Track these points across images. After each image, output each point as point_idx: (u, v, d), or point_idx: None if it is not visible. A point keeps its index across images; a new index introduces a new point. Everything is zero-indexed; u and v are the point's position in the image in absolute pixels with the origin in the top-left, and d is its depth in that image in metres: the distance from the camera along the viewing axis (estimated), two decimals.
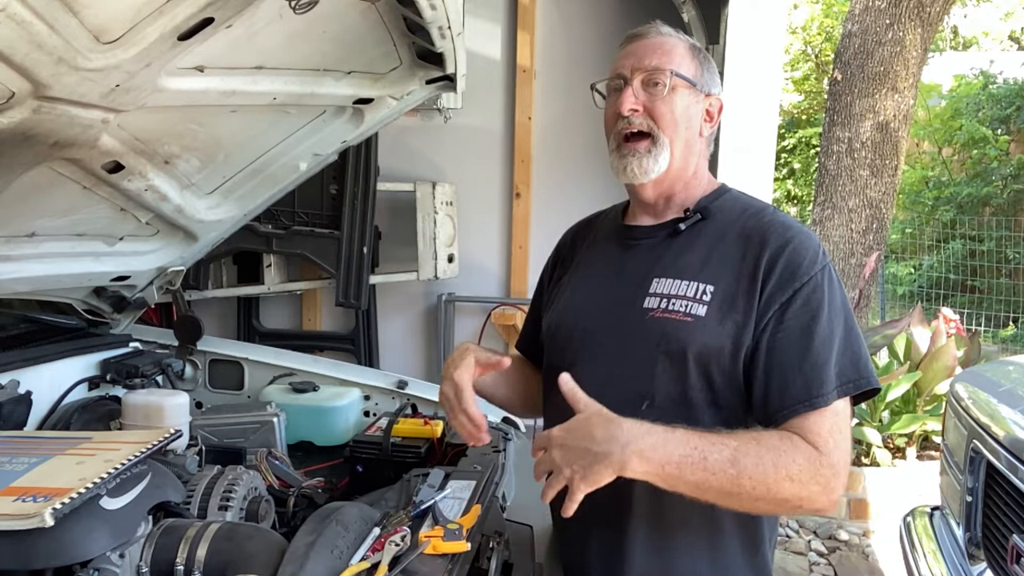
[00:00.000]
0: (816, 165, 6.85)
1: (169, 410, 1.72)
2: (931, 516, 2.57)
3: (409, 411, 2.07)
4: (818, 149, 7.12)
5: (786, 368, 1.15)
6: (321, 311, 3.71)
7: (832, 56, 6.24)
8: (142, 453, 1.29)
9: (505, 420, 2.15)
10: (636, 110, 1.27)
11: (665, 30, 1.32)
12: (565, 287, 1.44)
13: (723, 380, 1.20)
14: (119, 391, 2.06)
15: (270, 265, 3.38)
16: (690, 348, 1.19)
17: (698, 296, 1.22)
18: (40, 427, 1.86)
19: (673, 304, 1.22)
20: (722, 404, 1.21)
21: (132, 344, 2.28)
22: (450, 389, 1.32)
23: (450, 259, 3.33)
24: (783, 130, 11.96)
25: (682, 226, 1.30)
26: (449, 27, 1.64)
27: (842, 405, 1.15)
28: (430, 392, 2.25)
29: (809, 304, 1.17)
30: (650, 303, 1.25)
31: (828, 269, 1.21)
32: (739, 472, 1.06)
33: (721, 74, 2.67)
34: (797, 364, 1.15)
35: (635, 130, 1.28)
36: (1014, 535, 1.96)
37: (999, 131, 10.23)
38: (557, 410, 1.35)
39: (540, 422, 1.53)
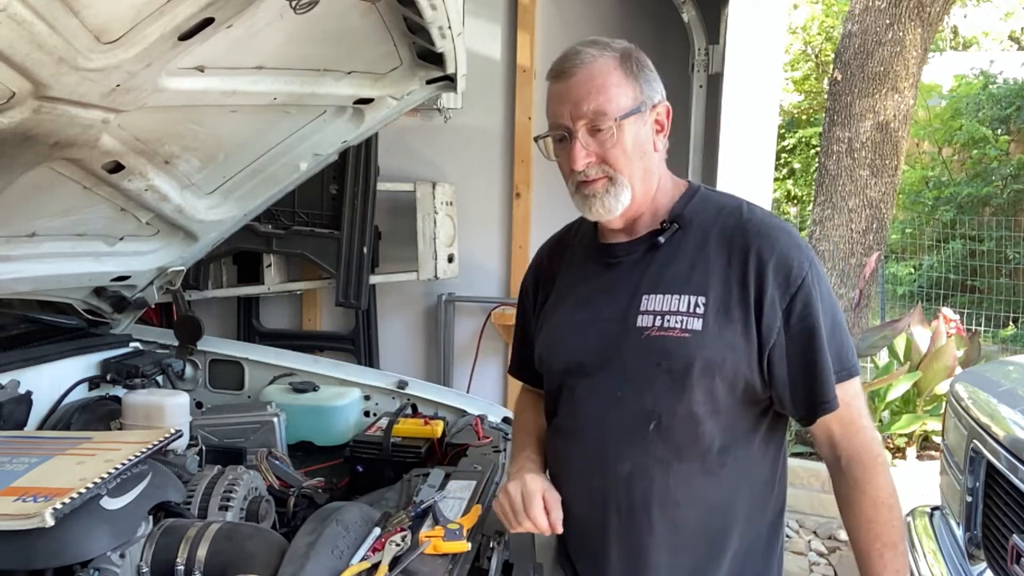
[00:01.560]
0: (816, 165, 6.85)
1: (169, 410, 1.73)
2: (931, 516, 2.57)
3: (409, 411, 2.07)
4: (818, 149, 7.12)
5: (800, 377, 1.21)
6: (321, 311, 3.71)
7: (832, 56, 6.23)
8: (142, 453, 1.30)
9: (505, 420, 2.15)
10: (591, 161, 1.23)
11: (588, 55, 1.23)
12: (552, 312, 1.41)
13: (725, 389, 1.21)
14: (119, 391, 2.06)
15: (270, 265, 3.38)
16: (694, 364, 1.20)
17: (691, 310, 1.21)
18: (40, 427, 1.86)
19: (668, 321, 1.22)
20: (723, 411, 1.23)
21: (132, 344, 2.28)
22: (517, 491, 1.27)
23: (450, 259, 3.33)
24: (783, 130, 11.94)
25: (661, 239, 1.28)
26: (449, 27, 1.64)
27: (851, 387, 1.23)
28: (430, 392, 2.25)
29: (808, 306, 1.20)
30: (643, 321, 1.24)
31: (814, 262, 1.23)
32: (906, 547, 1.24)
33: (721, 74, 2.67)
34: (810, 371, 1.20)
35: (592, 179, 1.25)
36: (1014, 535, 1.96)
37: (999, 131, 10.21)
38: (558, 433, 1.37)
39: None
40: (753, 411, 1.26)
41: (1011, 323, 8.19)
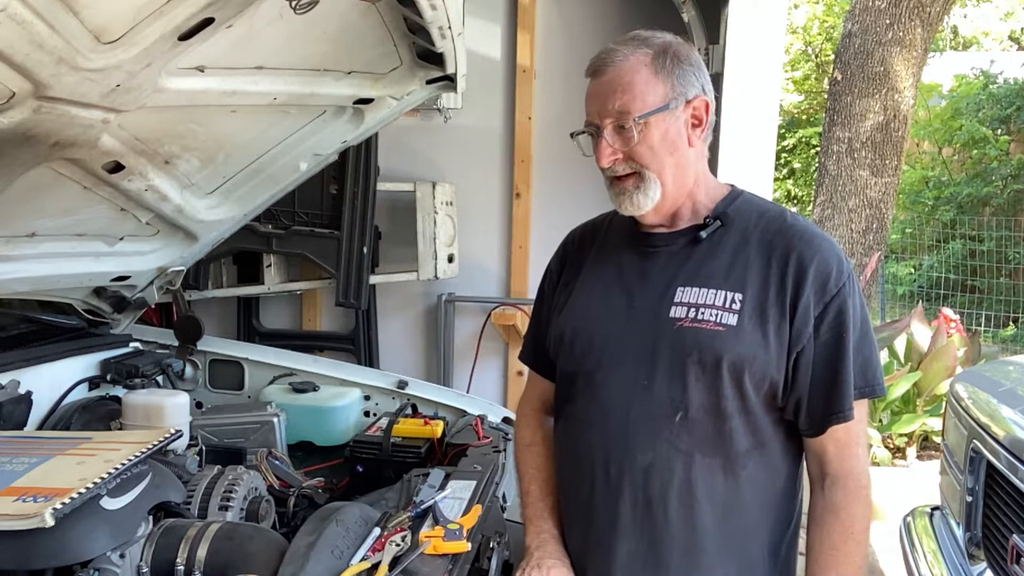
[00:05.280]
0: (816, 165, 6.85)
1: (169, 410, 1.73)
2: (931, 516, 2.57)
3: (409, 411, 2.07)
4: (818, 149, 7.12)
5: (820, 384, 1.23)
6: (321, 311, 3.70)
7: (832, 56, 6.24)
8: (142, 453, 1.30)
9: (505, 420, 2.15)
10: (616, 158, 1.26)
11: (620, 54, 1.25)
12: (576, 292, 1.39)
13: (753, 387, 1.22)
14: (119, 391, 2.06)
15: (270, 265, 3.38)
16: (725, 357, 1.20)
17: (727, 305, 1.22)
18: (40, 427, 1.86)
19: (702, 313, 1.23)
20: (750, 410, 1.24)
21: (132, 344, 2.28)
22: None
23: (450, 259, 3.33)
24: (783, 130, 11.95)
25: (703, 234, 1.29)
26: (449, 27, 1.64)
27: (860, 410, 1.25)
28: (430, 392, 2.25)
29: (840, 317, 1.22)
30: (677, 312, 1.25)
31: (852, 275, 1.25)
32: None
33: (721, 74, 2.67)
34: (832, 380, 1.22)
35: (620, 175, 1.27)
36: (1014, 535, 1.96)
37: (999, 131, 10.22)
38: (573, 419, 1.35)
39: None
40: (772, 417, 1.26)
41: (1011, 323, 8.20)
